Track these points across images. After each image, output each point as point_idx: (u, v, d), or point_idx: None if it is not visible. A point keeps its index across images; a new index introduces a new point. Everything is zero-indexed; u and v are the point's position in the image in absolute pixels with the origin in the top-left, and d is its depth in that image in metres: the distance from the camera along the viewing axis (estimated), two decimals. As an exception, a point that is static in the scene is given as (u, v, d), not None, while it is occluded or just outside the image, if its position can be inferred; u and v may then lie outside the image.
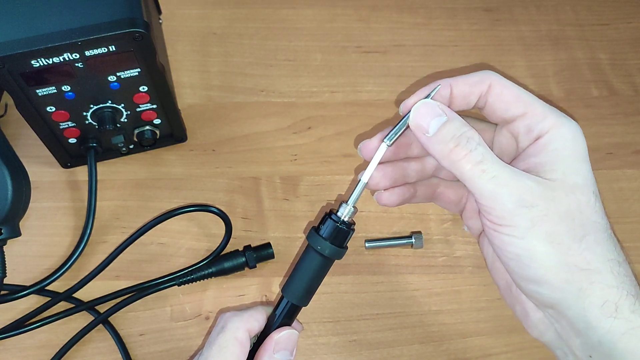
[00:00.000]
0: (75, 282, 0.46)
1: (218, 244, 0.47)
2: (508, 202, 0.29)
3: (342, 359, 0.45)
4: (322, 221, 0.34)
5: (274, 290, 0.47)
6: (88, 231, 0.46)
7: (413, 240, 0.48)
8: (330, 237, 0.33)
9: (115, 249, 0.46)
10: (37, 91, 0.43)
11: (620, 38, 0.62)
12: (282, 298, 0.36)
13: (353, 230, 0.34)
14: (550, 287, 0.30)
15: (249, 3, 0.62)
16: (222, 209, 0.47)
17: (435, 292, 0.47)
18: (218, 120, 0.55)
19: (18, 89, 0.42)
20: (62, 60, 0.41)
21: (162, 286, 0.46)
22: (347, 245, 0.34)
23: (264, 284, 0.47)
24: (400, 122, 0.32)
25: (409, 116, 0.32)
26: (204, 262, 0.47)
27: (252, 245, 0.47)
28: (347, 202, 0.33)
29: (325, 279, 0.47)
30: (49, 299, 0.46)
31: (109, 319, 0.46)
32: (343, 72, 0.58)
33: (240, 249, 0.47)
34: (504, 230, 0.30)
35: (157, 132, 0.50)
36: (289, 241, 0.49)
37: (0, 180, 0.40)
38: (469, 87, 0.32)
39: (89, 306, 0.46)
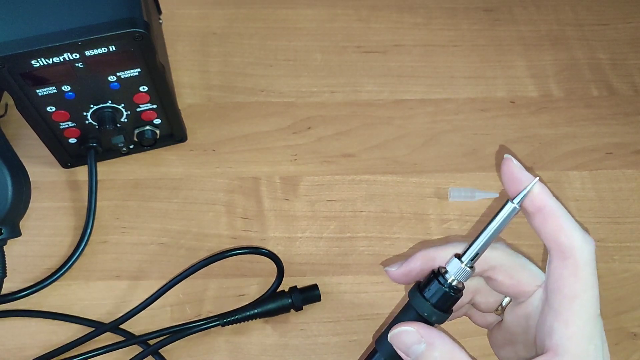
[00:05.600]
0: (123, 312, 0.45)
1: (220, 245, 0.47)
2: None
3: (342, 359, 0.45)
4: (428, 281, 0.30)
5: (274, 290, 0.47)
6: (88, 231, 0.47)
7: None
8: (438, 302, 0.30)
9: (159, 289, 0.45)
10: (37, 91, 0.43)
11: (620, 38, 0.62)
12: (374, 351, 0.32)
13: (461, 295, 0.30)
14: None
15: (249, 3, 0.62)
16: (222, 209, 0.47)
17: (435, 292, 0.47)
18: (218, 120, 0.55)
19: (18, 89, 0.42)
20: (62, 60, 0.41)
21: (204, 327, 0.44)
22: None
23: (264, 283, 0.47)
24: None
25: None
26: (250, 303, 0.45)
27: (298, 287, 0.46)
28: (461, 257, 0.29)
29: (325, 279, 0.47)
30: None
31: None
32: (343, 72, 0.58)
33: (241, 244, 0.47)
34: None
35: (157, 132, 0.50)
36: (289, 241, 0.49)
37: (0, 180, 0.40)
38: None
39: (138, 341, 0.44)
